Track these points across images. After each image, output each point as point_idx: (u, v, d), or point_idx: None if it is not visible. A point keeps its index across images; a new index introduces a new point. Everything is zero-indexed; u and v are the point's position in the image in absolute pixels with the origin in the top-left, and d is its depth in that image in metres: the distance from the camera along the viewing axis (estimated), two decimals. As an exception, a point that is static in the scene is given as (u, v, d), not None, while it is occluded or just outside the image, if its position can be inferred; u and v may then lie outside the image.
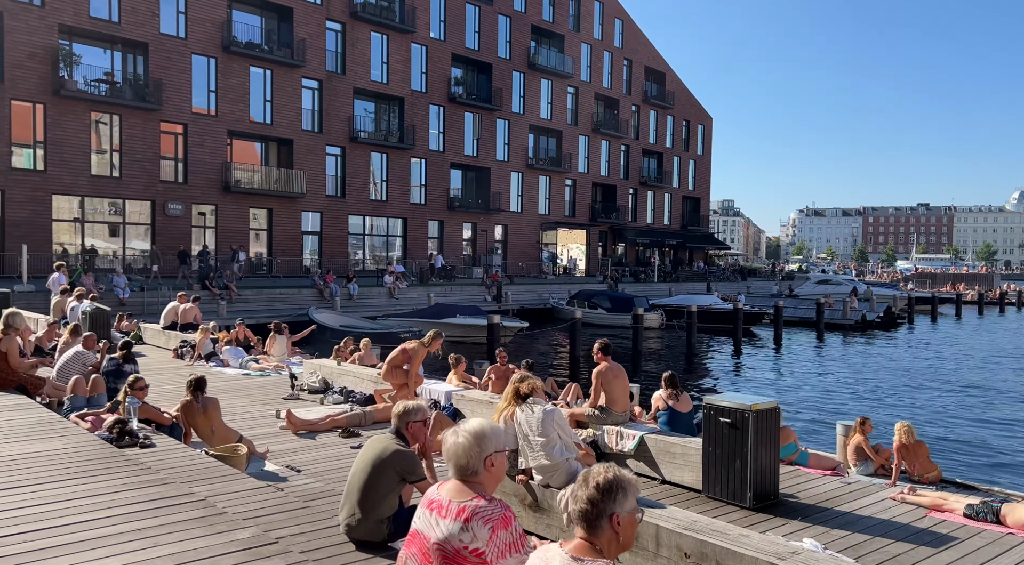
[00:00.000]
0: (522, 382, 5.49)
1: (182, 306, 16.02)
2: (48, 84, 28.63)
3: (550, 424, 5.24)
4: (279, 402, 10.37)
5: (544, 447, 5.21)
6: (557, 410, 5.35)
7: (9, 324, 7.65)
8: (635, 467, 6.93)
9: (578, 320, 20.55)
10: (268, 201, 35.59)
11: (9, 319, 7.69)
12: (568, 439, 5.33)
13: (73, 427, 6.27)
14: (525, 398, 5.41)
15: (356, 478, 4.18)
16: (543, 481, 5.34)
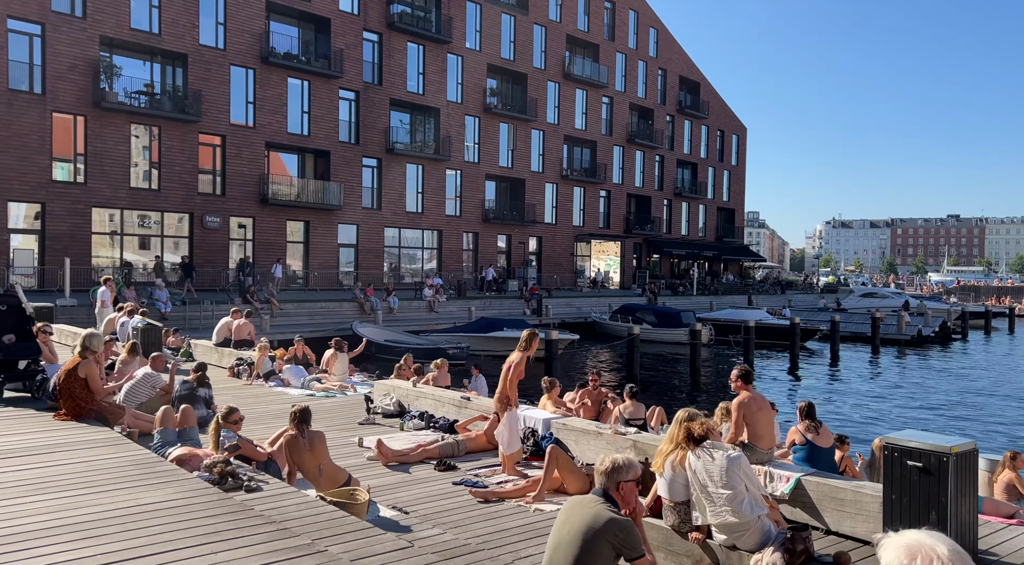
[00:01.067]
0: (691, 421, 4.72)
1: (235, 322, 15.42)
2: (89, 96, 28.42)
3: (736, 473, 4.45)
4: (355, 427, 9.66)
5: (730, 501, 4.43)
6: (742, 457, 4.56)
7: (87, 346, 7.01)
8: (790, 514, 6.10)
9: (636, 336, 19.71)
10: (305, 213, 35.17)
11: (87, 341, 7.05)
12: (756, 491, 4.54)
13: (175, 470, 5.56)
14: (700, 441, 4.64)
15: (560, 554, 3.40)
16: (727, 541, 4.55)
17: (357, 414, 10.46)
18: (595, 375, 11.22)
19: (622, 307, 33.05)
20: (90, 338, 7.09)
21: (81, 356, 6.95)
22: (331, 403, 11.42)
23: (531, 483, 6.80)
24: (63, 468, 5.78)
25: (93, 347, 6.97)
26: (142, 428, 7.08)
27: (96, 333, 7.37)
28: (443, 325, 28.83)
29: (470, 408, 9.38)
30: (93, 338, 7.10)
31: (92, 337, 7.10)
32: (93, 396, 6.92)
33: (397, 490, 7.03)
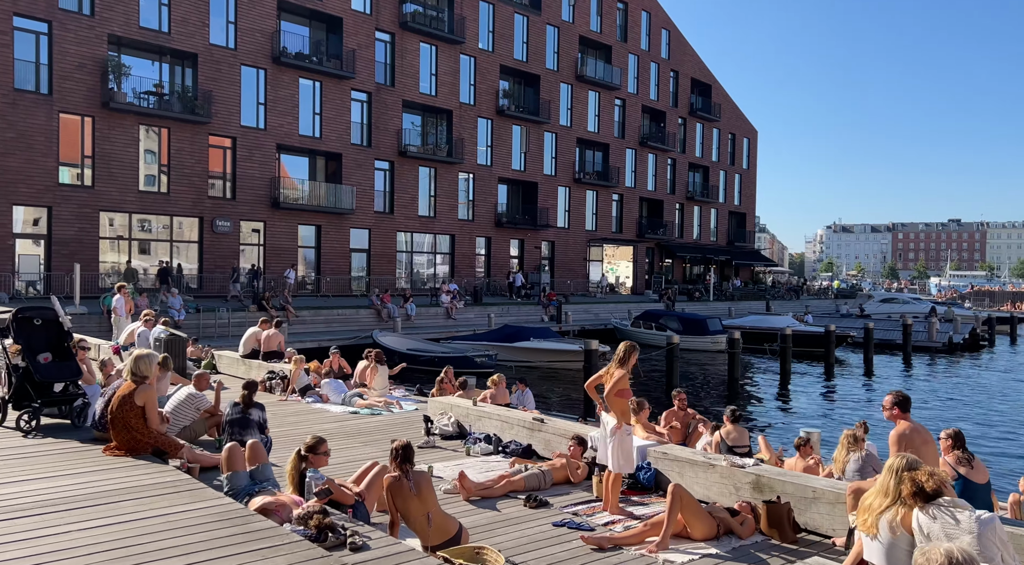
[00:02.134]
0: (915, 471, 3.83)
1: (264, 332, 14.48)
2: (97, 96, 27.51)
3: (990, 541, 3.56)
4: (416, 452, 8.68)
5: (984, 574, 3.52)
6: (996, 519, 3.66)
7: (140, 371, 6.02)
8: None
9: (676, 345, 18.81)
10: (317, 218, 34.25)
11: (140, 365, 6.05)
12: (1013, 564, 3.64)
13: (271, 527, 4.57)
14: (932, 497, 3.74)
15: None
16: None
17: (412, 436, 9.52)
18: (681, 393, 10.29)
19: (644, 313, 32.14)
20: (143, 361, 6.12)
21: (135, 381, 5.98)
22: (379, 422, 10.48)
23: (650, 527, 5.89)
24: (139, 526, 4.78)
25: (145, 371, 6.00)
26: (203, 463, 6.15)
27: (149, 354, 6.36)
28: (463, 332, 27.88)
29: (544, 431, 8.45)
30: (144, 360, 6.13)
31: (144, 359, 6.13)
32: (150, 428, 6.08)
33: (494, 532, 6.11)
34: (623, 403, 6.76)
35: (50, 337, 7.44)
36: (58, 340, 7.54)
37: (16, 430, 7.53)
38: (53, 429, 7.61)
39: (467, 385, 13.08)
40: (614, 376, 6.80)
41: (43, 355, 7.16)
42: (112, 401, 5.84)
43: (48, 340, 7.39)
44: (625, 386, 6.78)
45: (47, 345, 7.36)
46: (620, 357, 6.91)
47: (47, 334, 7.40)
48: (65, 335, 7.65)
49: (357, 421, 10.54)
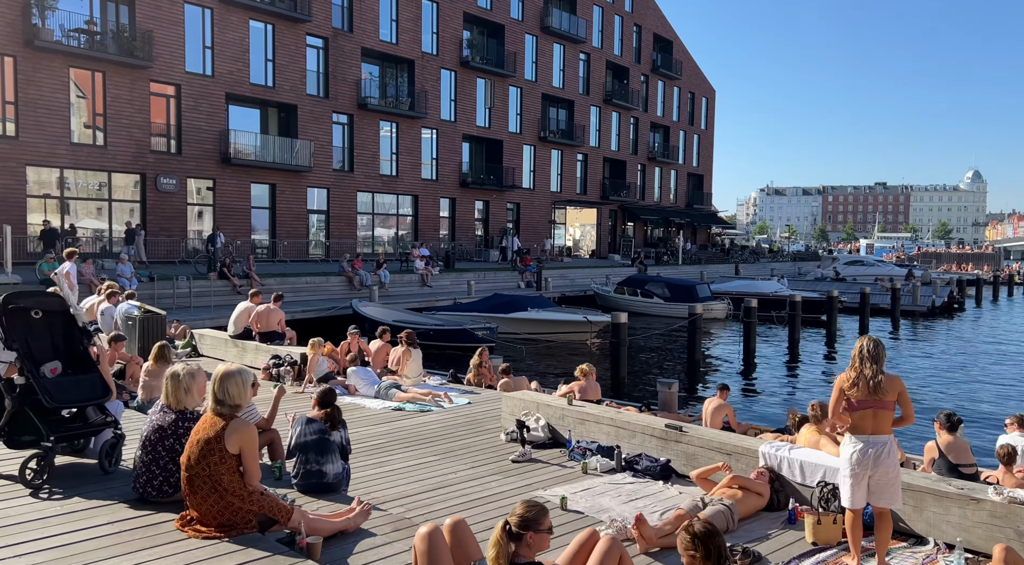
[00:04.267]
0: None
1: (259, 308, 12.13)
2: (19, 33, 23.86)
3: None
4: (511, 469, 6.77)
5: None
6: None
7: (227, 399, 3.64)
8: None
9: (699, 316, 17.25)
10: (271, 175, 31.30)
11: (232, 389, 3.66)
12: None
13: None
14: None
15: None
16: None
17: (490, 443, 7.59)
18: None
19: (628, 279, 30.63)
20: (233, 381, 3.74)
21: (222, 414, 3.75)
22: (437, 424, 8.46)
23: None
24: None
25: (238, 397, 3.60)
26: (324, 532, 4.06)
27: (240, 371, 3.94)
28: (442, 301, 25.82)
29: (686, 442, 6.58)
30: (235, 381, 3.73)
31: (235, 379, 3.63)
32: (250, 487, 3.83)
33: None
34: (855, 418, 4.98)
35: (57, 337, 5.08)
36: (69, 341, 5.17)
37: (14, 482, 5.04)
38: (70, 477, 5.18)
39: (509, 371, 11.21)
40: (844, 380, 4.99)
41: (50, 365, 4.83)
42: (189, 448, 3.61)
43: (55, 341, 5.05)
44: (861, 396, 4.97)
45: (54, 349, 5.01)
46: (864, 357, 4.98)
47: (52, 332, 5.03)
48: (80, 333, 5.27)
49: (408, 422, 8.51)
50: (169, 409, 3.92)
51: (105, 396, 5.05)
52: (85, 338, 5.23)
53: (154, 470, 3.89)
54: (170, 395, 3.94)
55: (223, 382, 3.54)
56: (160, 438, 3.87)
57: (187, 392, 3.92)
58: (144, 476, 3.99)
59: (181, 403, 3.89)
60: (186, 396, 3.91)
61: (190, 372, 3.97)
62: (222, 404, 3.52)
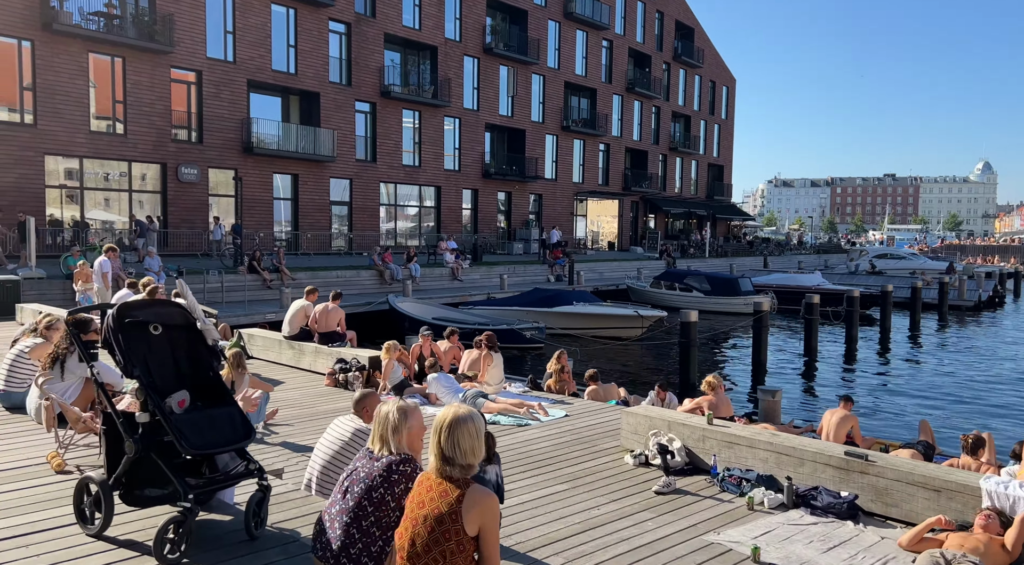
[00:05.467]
0: None
1: (317, 306, 11.18)
2: (37, 16, 22.85)
3: None
4: (663, 504, 5.80)
5: None
6: None
7: (462, 456, 2.57)
8: None
9: (765, 313, 16.27)
10: (294, 165, 30.31)
11: (464, 440, 2.63)
12: None
13: None
14: None
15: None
16: None
17: (615, 468, 6.62)
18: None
19: (665, 273, 29.61)
20: (465, 429, 2.51)
21: (448, 476, 2.58)
22: (542, 440, 7.49)
23: None
24: None
25: (469, 453, 2.58)
26: None
27: (470, 415, 2.68)
28: (475, 296, 24.84)
29: (876, 474, 5.54)
30: (465, 429, 2.56)
31: (466, 426, 2.47)
32: None
33: None
34: None
35: (181, 358, 4.03)
36: (196, 364, 4.12)
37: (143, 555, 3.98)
38: (204, 543, 4.12)
39: (597, 377, 10.26)
40: None
41: (176, 396, 3.78)
42: (412, 525, 2.54)
43: (178, 365, 4.00)
44: None
45: (177, 375, 3.95)
46: None
47: (175, 353, 3.99)
48: (208, 354, 4.23)
49: (509, 438, 7.53)
50: (375, 455, 2.95)
51: (248, 437, 4.01)
52: (215, 360, 4.25)
53: (354, 534, 2.91)
54: (376, 438, 2.98)
55: (452, 432, 2.55)
56: (366, 490, 2.88)
57: (396, 434, 2.95)
58: (342, 540, 2.95)
59: (391, 447, 2.93)
60: (397, 440, 2.94)
61: (403, 410, 2.99)
62: (450, 463, 2.54)
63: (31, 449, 5.85)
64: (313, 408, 8.68)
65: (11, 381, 6.29)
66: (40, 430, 6.02)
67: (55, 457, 4.88)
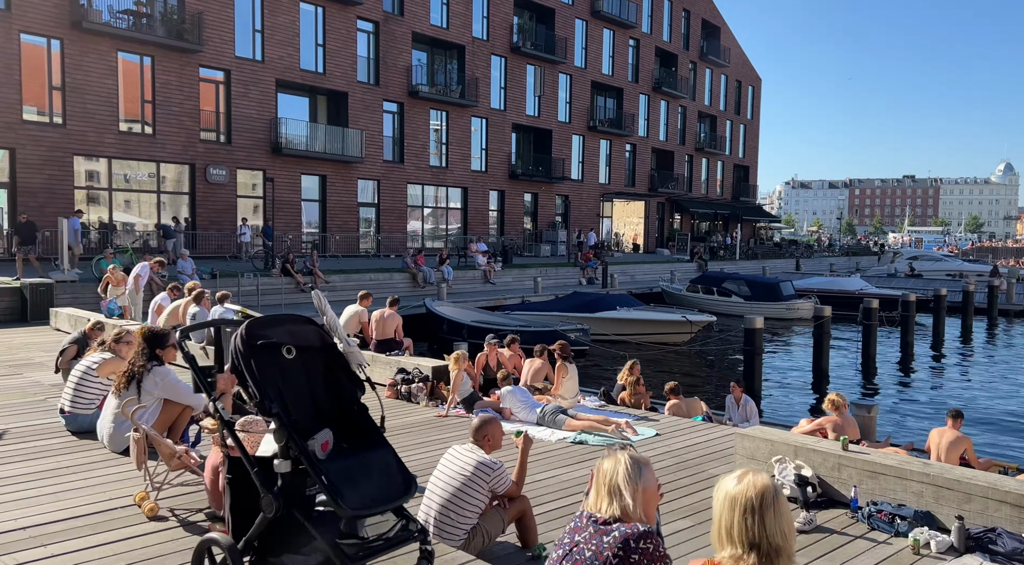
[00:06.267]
0: None
1: (375, 313, 10.57)
2: (66, 15, 22.47)
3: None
4: (812, 545, 5.11)
5: None
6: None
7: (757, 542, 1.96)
8: None
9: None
10: (322, 166, 29.82)
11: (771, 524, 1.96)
12: None
13: None
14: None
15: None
16: None
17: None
18: None
19: (702, 276, 28.89)
20: (766, 512, 1.82)
21: None
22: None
23: None
24: None
25: (782, 535, 1.94)
26: None
27: (776, 495, 1.89)
28: (510, 299, 24.22)
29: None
30: (770, 510, 1.84)
31: (774, 509, 1.84)
32: None
33: None
34: None
35: (318, 388, 3.26)
36: (335, 394, 3.34)
37: None
38: None
39: (679, 391, 9.59)
40: None
41: (320, 437, 3.03)
42: None
43: (315, 396, 3.24)
44: None
45: (316, 410, 3.19)
46: None
47: (311, 381, 3.24)
48: (350, 381, 3.45)
49: (593, 456, 6.89)
50: (601, 520, 2.30)
51: (409, 490, 3.25)
52: (358, 390, 3.44)
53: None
54: (601, 495, 2.32)
55: (764, 514, 1.88)
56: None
57: (627, 493, 2.29)
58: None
59: (621, 508, 2.27)
60: (629, 501, 2.28)
61: (637, 463, 2.33)
62: (757, 551, 1.88)
63: (113, 486, 4.96)
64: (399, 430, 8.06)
65: (78, 402, 5.61)
66: (117, 460, 5.29)
67: (145, 499, 4.21)
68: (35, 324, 14.81)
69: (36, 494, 4.87)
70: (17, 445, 5.67)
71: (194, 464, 4.22)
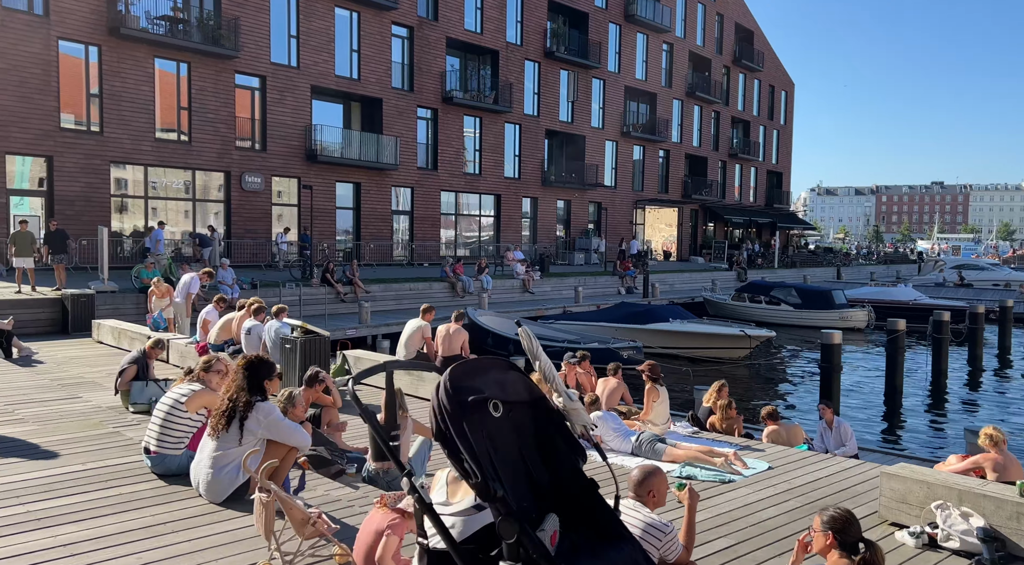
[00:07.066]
0: None
1: (440, 328, 9.91)
2: (104, 20, 22.18)
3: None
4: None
5: None
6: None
7: None
8: None
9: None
10: (356, 174, 29.36)
11: None
12: None
13: None
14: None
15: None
16: None
17: (887, 550, 5.20)
18: None
19: (749, 285, 28.01)
20: None
21: None
22: (768, 504, 6.08)
23: None
24: None
25: None
26: None
27: None
28: (550, 309, 23.53)
29: None
30: None
31: None
32: None
33: None
34: None
35: (531, 456, 2.57)
36: (555, 468, 2.64)
37: None
38: None
39: (777, 416, 8.84)
40: None
41: (548, 528, 2.30)
42: None
43: (529, 467, 2.55)
44: None
45: (531, 485, 2.50)
46: None
47: (522, 449, 2.54)
48: (568, 446, 2.77)
49: (722, 501, 6.13)
50: None
51: None
52: (579, 458, 2.75)
53: None
54: None
55: None
56: None
57: None
58: None
59: None
60: None
61: None
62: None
63: (228, 553, 4.05)
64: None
65: (165, 441, 4.81)
66: (219, 514, 4.37)
67: (273, 574, 3.51)
68: (76, 336, 14.36)
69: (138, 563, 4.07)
70: (102, 492, 4.82)
71: (330, 532, 3.54)
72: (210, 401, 4.69)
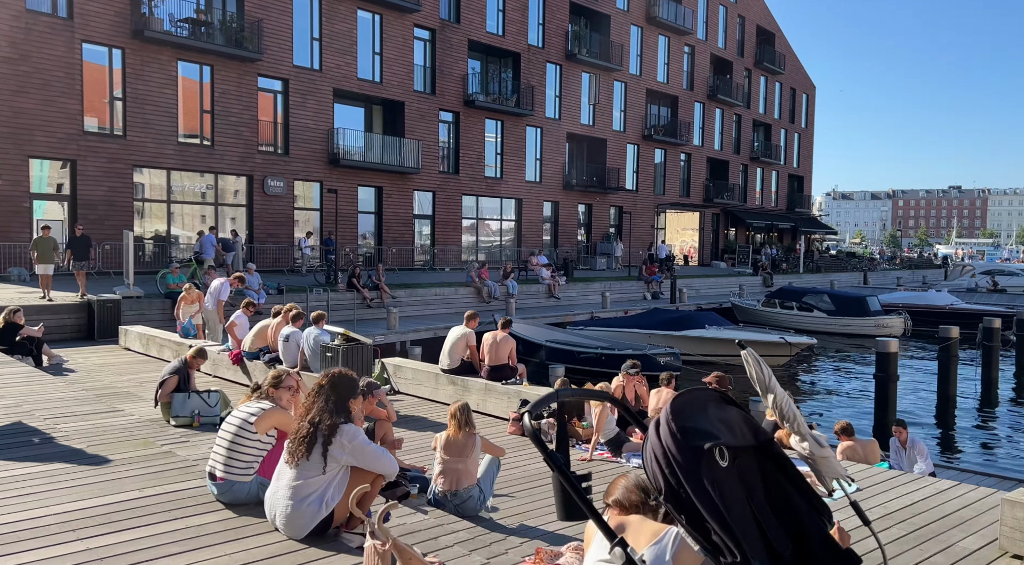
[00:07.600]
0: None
1: (487, 336, 9.51)
2: (127, 23, 21.95)
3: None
4: None
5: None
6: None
7: None
8: None
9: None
10: (378, 178, 29.02)
11: None
12: None
13: None
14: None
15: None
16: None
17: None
18: None
19: (779, 290, 27.43)
20: None
21: None
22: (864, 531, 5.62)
23: None
24: None
25: None
26: None
27: None
28: (578, 315, 23.07)
29: None
30: None
31: None
32: None
33: None
34: None
35: (763, 516, 1.94)
36: (792, 527, 1.99)
37: None
38: None
39: (851, 430, 8.34)
40: None
41: None
42: None
43: (764, 534, 1.90)
44: None
45: (769, 553, 1.87)
46: None
47: (754, 508, 1.94)
48: (811, 507, 2.07)
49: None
50: None
51: None
52: (827, 520, 2.11)
53: None
54: None
55: None
56: None
57: None
58: None
59: None
60: None
61: None
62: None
63: None
64: (523, 467, 6.96)
65: (233, 466, 4.26)
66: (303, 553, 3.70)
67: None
68: (103, 342, 14.06)
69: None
70: (167, 525, 4.18)
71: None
72: (280, 421, 4.26)
